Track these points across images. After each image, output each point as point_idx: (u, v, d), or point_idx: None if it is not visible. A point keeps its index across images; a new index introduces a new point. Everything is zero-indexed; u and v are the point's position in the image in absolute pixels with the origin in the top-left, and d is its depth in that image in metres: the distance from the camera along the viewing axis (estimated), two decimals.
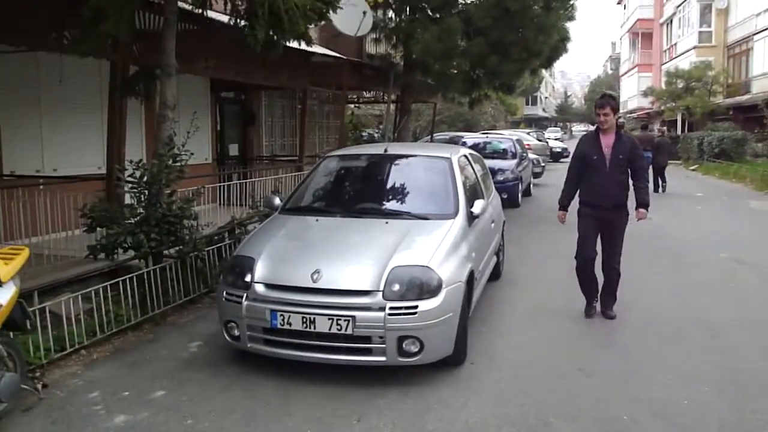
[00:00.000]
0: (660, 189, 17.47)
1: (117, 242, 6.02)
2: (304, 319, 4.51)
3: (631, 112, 47.40)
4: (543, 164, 21.25)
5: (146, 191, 6.32)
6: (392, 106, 16.55)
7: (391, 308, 4.45)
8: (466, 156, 6.84)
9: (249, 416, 4.16)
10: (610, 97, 6.18)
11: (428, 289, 4.57)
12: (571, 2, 13.53)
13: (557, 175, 23.62)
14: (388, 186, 6.10)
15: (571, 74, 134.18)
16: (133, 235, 6.04)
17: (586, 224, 6.08)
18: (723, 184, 20.46)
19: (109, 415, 4.18)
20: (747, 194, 17.54)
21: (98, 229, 6.34)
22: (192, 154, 6.65)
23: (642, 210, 6.13)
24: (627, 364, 5.06)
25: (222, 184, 10.01)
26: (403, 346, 4.48)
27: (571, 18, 13.76)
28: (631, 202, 6.12)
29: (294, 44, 9.64)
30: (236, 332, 4.84)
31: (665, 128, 27.15)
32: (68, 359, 5.13)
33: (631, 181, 6.09)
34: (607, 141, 5.97)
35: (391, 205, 5.81)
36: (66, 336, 5.18)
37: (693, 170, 25.91)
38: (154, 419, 4.12)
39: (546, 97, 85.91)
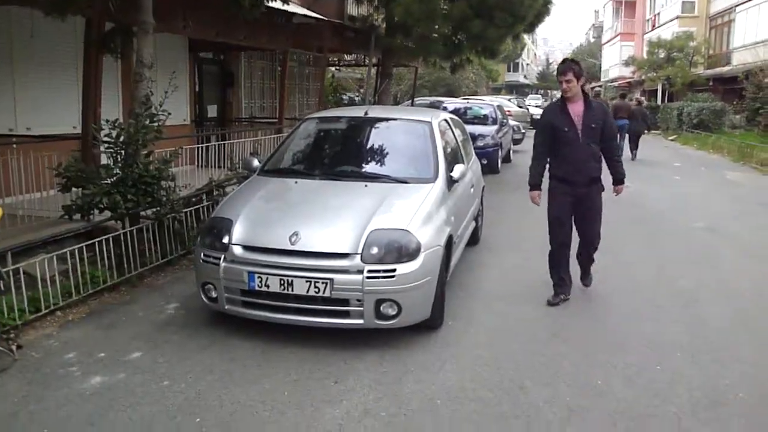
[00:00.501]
0: (634, 157, 17.83)
1: (92, 203, 5.94)
2: (282, 282, 4.49)
3: (612, 81, 47.51)
4: (523, 131, 21.26)
5: (122, 151, 6.23)
6: (373, 70, 16.40)
7: (369, 271, 4.45)
8: (446, 120, 6.81)
9: (226, 378, 4.16)
10: (572, 62, 5.61)
11: (407, 253, 4.57)
12: None
13: None
14: (368, 149, 6.06)
15: (553, 41, 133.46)
16: (109, 196, 5.96)
17: (560, 204, 5.59)
18: (701, 155, 20.64)
19: (84, 377, 4.16)
20: (724, 165, 17.71)
21: (73, 189, 6.24)
22: (169, 114, 6.56)
23: (619, 186, 5.75)
24: (601, 330, 5.13)
25: (200, 145, 9.87)
26: (381, 309, 4.49)
27: None
28: (605, 176, 5.70)
29: (276, 3, 9.51)
30: (214, 294, 4.82)
31: (642, 98, 27.21)
32: (43, 320, 5.07)
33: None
34: (575, 109, 5.44)
35: (371, 168, 5.78)
36: (41, 297, 5.11)
37: (672, 140, 26.10)
38: (130, 380, 4.10)
39: (528, 64, 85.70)
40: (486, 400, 3.95)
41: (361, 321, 4.52)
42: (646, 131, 19.42)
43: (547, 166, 5.70)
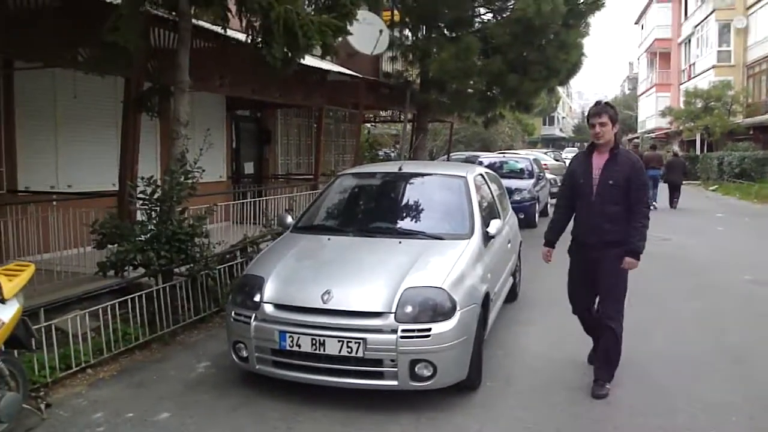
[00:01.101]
0: (674, 205, 18.62)
1: (126, 259, 5.94)
2: (314, 341, 4.38)
3: (649, 132, 47.14)
4: (560, 184, 20.92)
5: (157, 208, 6.26)
6: (408, 126, 16.50)
7: (404, 331, 4.31)
8: (482, 175, 6.72)
9: None
10: (607, 104, 4.98)
11: (442, 312, 4.43)
12: (587, 19, 13.43)
13: None
14: (402, 205, 5.99)
15: (588, 94, 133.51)
16: (143, 252, 5.96)
17: (572, 267, 5.07)
18: (744, 205, 20.14)
19: None
20: None
21: (109, 246, 6.27)
22: (203, 170, 6.58)
23: (630, 260, 4.72)
24: (648, 391, 4.86)
25: (235, 202, 9.94)
26: (416, 369, 4.33)
27: (586, 34, 13.65)
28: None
29: (310, 61, 9.64)
30: (244, 353, 4.72)
31: (677, 149, 26.93)
32: (74, 378, 5.03)
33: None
34: (598, 161, 4.81)
35: (405, 224, 5.69)
36: (72, 354, 5.08)
37: (712, 190, 25.58)
38: None
39: (563, 117, 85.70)
40: None
41: (395, 382, 4.35)
42: (683, 180, 19.75)
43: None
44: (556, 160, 29.37)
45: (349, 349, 4.32)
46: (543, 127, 69.91)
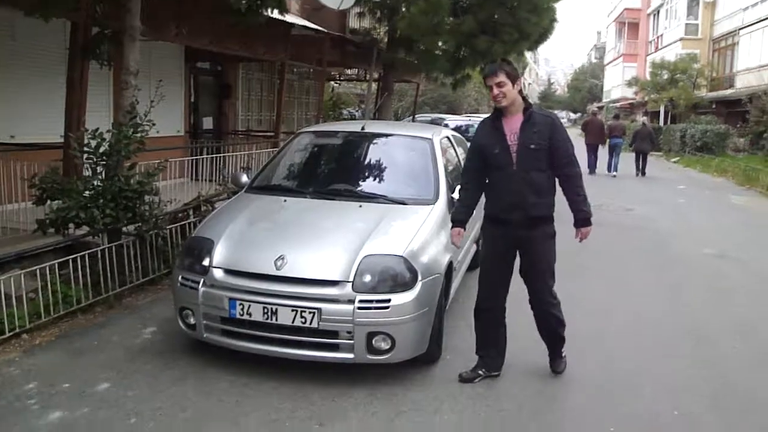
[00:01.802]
0: (640, 173, 19.40)
1: (68, 217, 5.55)
2: (266, 310, 4.10)
3: (614, 101, 47.35)
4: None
5: (103, 163, 5.86)
6: (374, 85, 16.10)
7: (361, 301, 4.06)
8: (448, 138, 6.45)
9: (200, 416, 3.76)
10: (504, 61, 4.25)
11: (402, 282, 4.18)
12: None
13: None
14: (364, 166, 5.68)
15: (554, 62, 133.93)
16: (86, 210, 5.58)
17: (490, 251, 4.37)
18: (704, 178, 20.30)
19: (43, 411, 3.76)
20: (729, 189, 17.36)
21: (50, 202, 5.87)
22: (154, 124, 6.17)
23: (586, 229, 4.33)
24: (611, 371, 4.70)
25: (191, 158, 9.53)
26: (373, 342, 4.09)
27: None
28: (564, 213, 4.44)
29: (273, 13, 9.19)
30: (192, 320, 4.43)
31: (646, 118, 27.33)
32: (7, 344, 4.68)
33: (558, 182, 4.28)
34: (511, 125, 4.16)
35: (367, 187, 5.39)
36: (5, 318, 4.72)
37: (674, 162, 25.78)
38: (93, 417, 3.71)
39: (529, 84, 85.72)
40: None
41: (351, 355, 4.12)
42: (650, 150, 20.52)
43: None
44: None
45: (303, 319, 4.06)
46: None
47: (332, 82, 20.92)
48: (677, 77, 30.81)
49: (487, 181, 4.33)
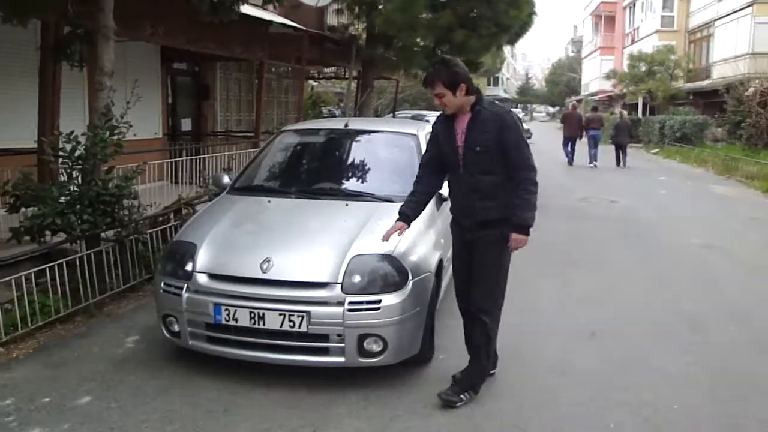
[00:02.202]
0: (621, 163, 20.08)
1: (43, 224, 5.35)
2: (252, 315, 3.96)
3: (592, 94, 47.60)
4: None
5: (79, 167, 5.67)
6: (353, 83, 15.97)
7: (351, 303, 3.93)
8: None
9: (188, 427, 3.61)
10: (442, 64, 3.90)
11: (393, 281, 4.05)
12: None
13: None
14: (349, 164, 5.53)
15: (531, 56, 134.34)
16: (63, 216, 5.39)
17: (454, 250, 4.20)
18: (685, 169, 20.40)
19: (22, 428, 3.59)
20: (709, 179, 17.45)
21: (24, 209, 5.67)
22: (131, 126, 5.99)
23: (517, 236, 3.83)
24: (608, 364, 4.62)
25: (170, 160, 9.33)
26: (365, 345, 3.97)
27: None
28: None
29: (250, 11, 9.03)
30: (176, 328, 4.27)
31: (624, 111, 27.91)
32: None
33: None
34: (461, 123, 3.88)
35: (352, 185, 5.26)
36: None
37: (654, 153, 25.92)
38: None
39: (507, 79, 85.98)
40: None
41: (342, 359, 3.99)
42: (629, 142, 21.35)
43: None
44: None
45: (292, 323, 3.93)
46: (488, 87, 69.73)
47: (311, 81, 20.74)
48: (655, 69, 30.99)
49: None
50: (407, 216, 4.09)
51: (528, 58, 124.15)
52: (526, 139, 3.92)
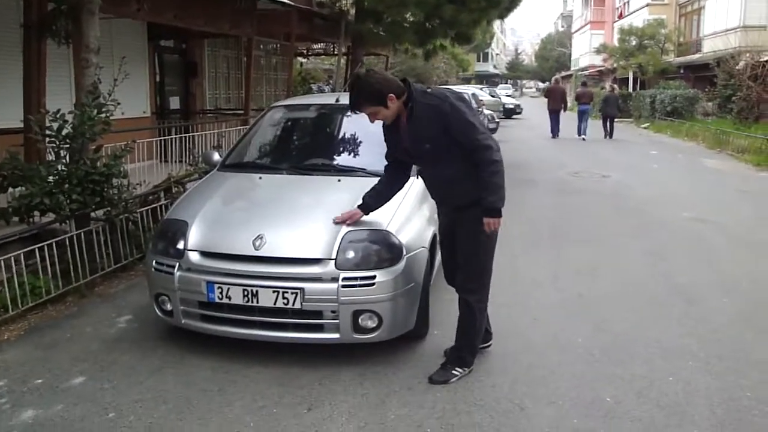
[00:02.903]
0: (608, 135, 21.00)
1: (31, 204, 5.27)
2: (246, 292, 3.92)
3: (582, 69, 47.43)
4: (497, 120, 20.97)
5: (67, 146, 5.58)
6: (343, 60, 15.82)
7: (345, 279, 3.89)
8: None
9: (182, 406, 3.58)
10: (360, 84, 3.70)
11: (387, 257, 4.02)
12: None
13: (510, 131, 23.51)
14: (341, 140, 5.48)
15: (521, 32, 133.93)
16: (51, 196, 5.31)
17: (440, 229, 4.14)
18: (676, 143, 20.41)
19: (15, 410, 3.55)
20: (700, 153, 17.48)
21: (12, 188, 5.59)
22: (119, 104, 5.88)
23: (488, 220, 3.66)
24: (602, 337, 4.63)
25: (159, 138, 9.22)
26: (359, 321, 3.94)
27: None
28: None
29: None
30: (168, 306, 4.23)
31: (615, 85, 28.43)
32: None
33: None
34: (404, 126, 3.74)
35: (344, 160, 5.21)
36: None
37: (645, 128, 25.91)
38: (68, 413, 3.51)
39: (497, 54, 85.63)
40: (483, 425, 3.43)
41: (336, 335, 3.96)
42: (617, 115, 22.53)
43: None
44: (492, 96, 29.59)
45: (285, 300, 3.89)
46: (477, 63, 69.45)
47: (300, 58, 20.54)
48: (645, 43, 30.90)
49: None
50: (368, 206, 4.10)
51: (517, 34, 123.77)
52: (472, 119, 3.65)
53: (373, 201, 4.10)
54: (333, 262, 3.94)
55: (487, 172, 3.61)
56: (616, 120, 21.78)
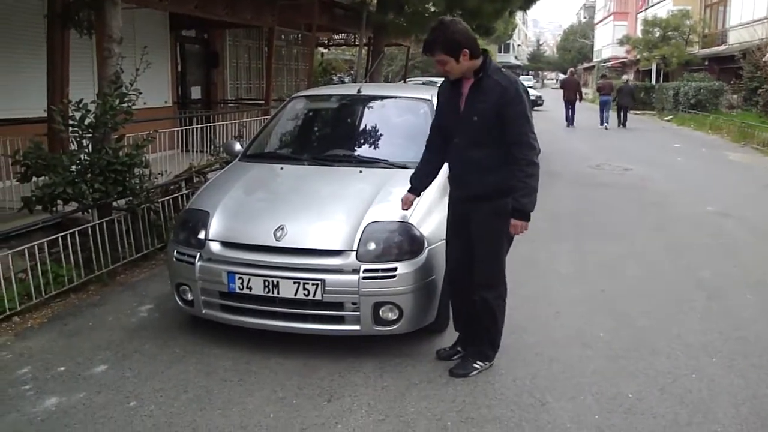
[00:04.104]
0: (621, 124, 22.18)
1: (55, 193, 5.31)
2: (266, 283, 3.92)
3: (605, 60, 46.94)
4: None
5: (89, 135, 5.61)
6: (364, 50, 15.77)
7: (366, 270, 3.87)
8: None
9: (203, 396, 3.59)
10: (441, 29, 3.56)
11: (409, 249, 3.99)
12: None
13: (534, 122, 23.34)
14: (362, 130, 5.45)
15: (543, 23, 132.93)
16: (74, 185, 5.34)
17: (448, 220, 3.96)
18: (699, 136, 20.15)
19: (38, 397, 3.58)
20: (725, 146, 17.24)
21: (35, 178, 5.64)
22: (140, 93, 5.90)
23: (516, 222, 3.58)
24: (625, 330, 4.58)
25: (180, 128, 9.26)
26: (380, 313, 3.92)
27: None
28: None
29: None
30: (189, 296, 4.24)
31: (629, 77, 30.02)
32: None
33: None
34: (465, 89, 3.65)
35: (366, 151, 5.17)
36: None
37: (668, 121, 25.59)
38: (91, 401, 3.53)
39: (518, 45, 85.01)
40: (504, 419, 3.40)
41: (357, 327, 3.95)
42: (631, 105, 23.69)
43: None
44: None
45: (306, 292, 3.88)
46: (498, 54, 68.88)
47: (321, 49, 20.52)
48: (669, 34, 30.46)
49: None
50: (414, 187, 4.05)
51: (539, 25, 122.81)
52: (529, 115, 3.59)
53: (418, 182, 4.05)
54: (354, 253, 3.92)
55: (525, 172, 3.52)
56: (636, 112, 23.59)
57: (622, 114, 22.30)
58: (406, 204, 4.03)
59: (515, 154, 3.54)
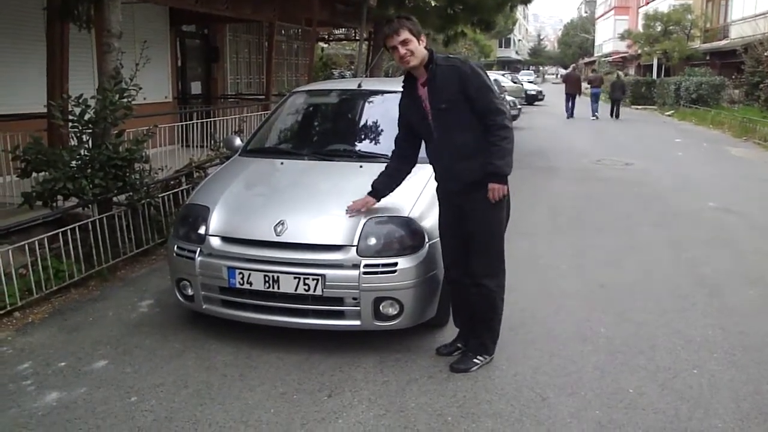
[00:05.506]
0: (614, 116, 23.88)
1: (55, 189, 5.31)
2: (267, 278, 3.91)
3: (606, 55, 46.87)
4: (519, 107, 20.87)
5: (89, 131, 5.60)
6: (364, 44, 15.74)
7: (367, 266, 3.87)
8: None
9: (203, 392, 3.59)
10: (404, 18, 3.71)
11: (409, 244, 3.99)
12: None
13: (532, 118, 23.35)
14: (363, 125, 5.43)
15: (543, 17, 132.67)
16: (74, 181, 5.34)
17: (441, 219, 3.96)
18: (701, 131, 20.12)
19: (39, 392, 3.58)
20: (726, 141, 17.21)
21: (36, 174, 5.63)
22: (140, 88, 5.89)
23: (493, 185, 3.61)
24: (626, 326, 4.58)
25: (180, 123, 9.24)
26: (380, 308, 3.92)
27: None
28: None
29: None
30: (189, 291, 4.24)
31: (621, 72, 31.38)
32: None
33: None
34: (422, 89, 3.73)
35: (366, 146, 5.16)
36: None
37: (669, 116, 25.56)
38: (91, 397, 3.53)
39: (519, 40, 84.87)
40: (504, 415, 3.40)
41: (357, 322, 3.95)
42: (622, 98, 25.37)
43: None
44: (514, 83, 29.52)
45: (306, 287, 3.88)
46: (499, 49, 68.91)
47: (321, 43, 20.48)
48: (670, 29, 30.42)
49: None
50: (377, 191, 4.04)
51: (540, 19, 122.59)
52: (490, 84, 3.67)
53: (383, 187, 4.05)
54: (354, 248, 3.91)
55: (497, 136, 3.58)
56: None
57: (615, 107, 24.16)
58: (359, 206, 4.02)
59: (485, 122, 3.61)
